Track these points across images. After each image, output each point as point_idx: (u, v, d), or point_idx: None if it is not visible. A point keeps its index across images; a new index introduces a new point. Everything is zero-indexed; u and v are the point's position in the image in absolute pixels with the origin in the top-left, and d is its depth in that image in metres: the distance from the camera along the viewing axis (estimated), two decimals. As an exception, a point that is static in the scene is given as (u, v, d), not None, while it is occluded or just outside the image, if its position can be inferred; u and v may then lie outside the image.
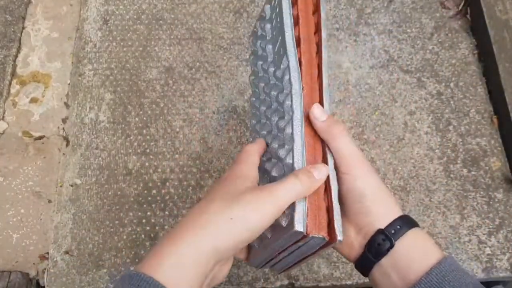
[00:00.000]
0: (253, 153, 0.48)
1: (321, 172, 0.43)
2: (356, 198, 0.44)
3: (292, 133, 0.45)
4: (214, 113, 0.85)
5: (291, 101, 0.47)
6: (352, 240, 0.45)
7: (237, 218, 0.37)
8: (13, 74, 0.93)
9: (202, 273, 0.36)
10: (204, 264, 0.36)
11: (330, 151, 0.46)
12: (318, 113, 0.46)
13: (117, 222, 0.77)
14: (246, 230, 0.38)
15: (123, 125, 0.84)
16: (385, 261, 0.42)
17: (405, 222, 0.43)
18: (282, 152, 0.46)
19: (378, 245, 0.42)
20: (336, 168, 0.45)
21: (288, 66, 0.48)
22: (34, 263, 0.78)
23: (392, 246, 0.41)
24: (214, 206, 0.39)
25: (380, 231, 0.42)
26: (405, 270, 0.41)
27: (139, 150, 0.82)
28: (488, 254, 0.74)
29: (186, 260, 0.36)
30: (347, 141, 0.45)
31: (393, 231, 0.42)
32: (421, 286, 0.39)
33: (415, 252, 0.42)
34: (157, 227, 0.76)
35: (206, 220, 0.37)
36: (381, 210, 0.43)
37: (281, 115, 0.48)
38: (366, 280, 0.72)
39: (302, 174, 0.42)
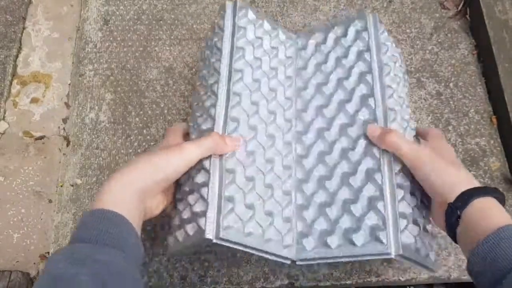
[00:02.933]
0: (178, 127, 0.62)
1: (233, 140, 0.55)
2: (429, 189, 0.54)
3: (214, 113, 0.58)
4: (214, 113, 0.85)
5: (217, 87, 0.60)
6: (441, 219, 0.52)
7: (154, 164, 0.51)
8: (14, 74, 0.93)
9: (137, 204, 0.49)
10: (136, 199, 0.49)
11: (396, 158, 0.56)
12: (370, 132, 0.57)
13: (117, 222, 0.77)
14: (161, 172, 0.51)
15: (123, 125, 0.84)
16: (459, 230, 0.49)
17: (473, 193, 0.48)
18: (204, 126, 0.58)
19: (449, 217, 0.50)
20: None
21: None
22: (34, 263, 0.78)
23: (459, 216, 0.48)
24: (141, 157, 0.52)
25: (449, 205, 0.49)
26: (471, 238, 0.47)
27: (139, 150, 0.82)
28: (487, 254, 0.74)
29: (121, 196, 0.48)
30: (401, 145, 0.54)
31: (459, 203, 0.48)
32: (479, 250, 0.44)
33: (478, 220, 0.47)
34: (157, 227, 0.76)
35: (132, 167, 0.51)
36: (448, 189, 0.50)
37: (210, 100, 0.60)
38: (366, 279, 0.72)
39: (215, 134, 0.54)
